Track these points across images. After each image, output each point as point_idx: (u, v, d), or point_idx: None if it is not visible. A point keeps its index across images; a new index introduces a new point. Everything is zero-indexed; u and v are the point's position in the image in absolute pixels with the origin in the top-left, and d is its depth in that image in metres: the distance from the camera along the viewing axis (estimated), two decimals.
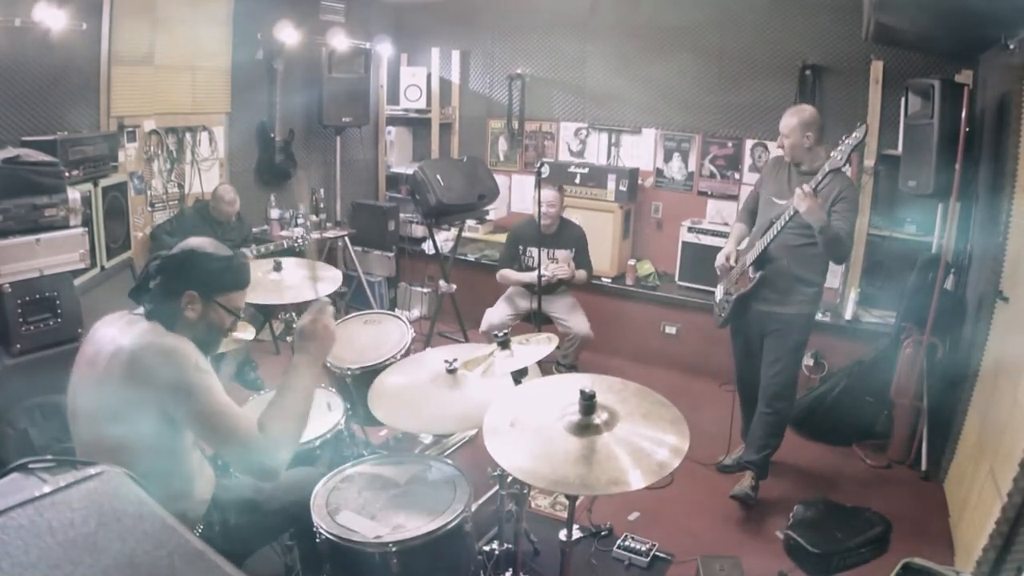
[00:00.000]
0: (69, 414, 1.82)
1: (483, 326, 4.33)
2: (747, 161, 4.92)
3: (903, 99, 3.95)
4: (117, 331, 1.78)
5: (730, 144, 4.97)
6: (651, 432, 1.75)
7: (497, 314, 4.32)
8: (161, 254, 1.86)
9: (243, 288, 1.93)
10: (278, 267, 3.07)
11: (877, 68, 4.29)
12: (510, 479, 2.37)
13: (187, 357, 1.70)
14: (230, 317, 1.91)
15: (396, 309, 5.48)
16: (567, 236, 4.33)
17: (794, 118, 3.10)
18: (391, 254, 5.63)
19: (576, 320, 4.27)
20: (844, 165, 2.88)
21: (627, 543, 2.94)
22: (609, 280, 5.09)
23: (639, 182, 5.21)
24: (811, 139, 3.08)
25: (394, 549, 1.89)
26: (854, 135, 2.84)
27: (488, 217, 5.51)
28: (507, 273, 4.42)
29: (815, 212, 2.88)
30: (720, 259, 3.38)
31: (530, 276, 4.12)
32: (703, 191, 5.12)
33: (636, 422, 1.78)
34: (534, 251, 4.23)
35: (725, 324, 3.42)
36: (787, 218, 3.00)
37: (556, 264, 4.23)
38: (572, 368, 4.28)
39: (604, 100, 5.34)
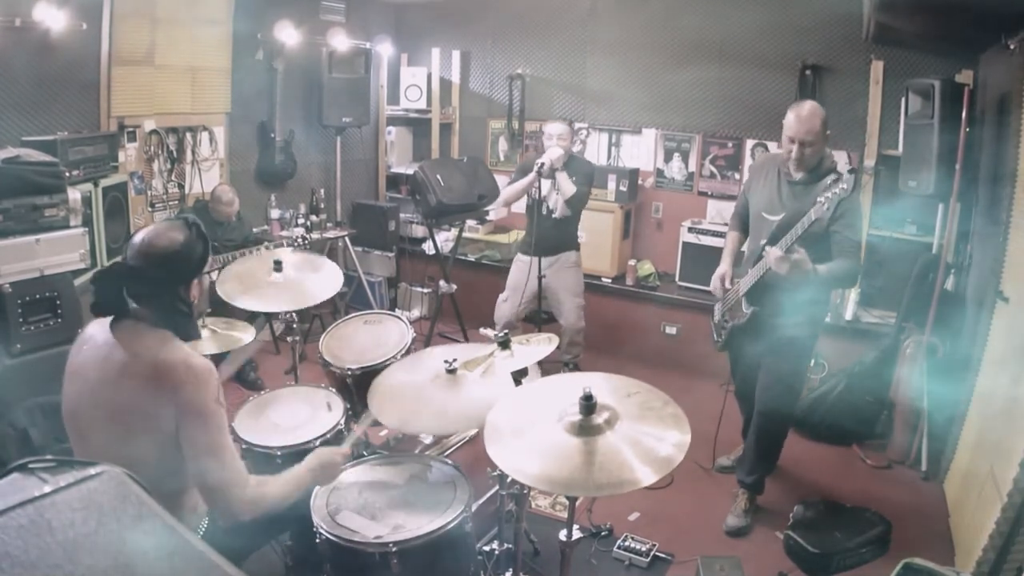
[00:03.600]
0: (69, 416, 1.80)
1: (497, 315, 4.29)
2: (747, 161, 4.92)
3: (903, 99, 3.96)
4: (124, 339, 1.74)
5: (730, 144, 4.97)
6: (652, 429, 1.76)
7: (509, 307, 4.23)
8: (136, 268, 1.74)
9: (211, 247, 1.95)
10: (278, 267, 3.07)
11: (877, 68, 4.29)
12: (510, 479, 2.37)
13: (212, 386, 1.72)
14: (212, 273, 1.96)
15: (396, 309, 5.48)
16: (573, 168, 4.10)
17: (816, 120, 2.74)
18: (391, 254, 5.63)
19: (568, 307, 4.18)
20: (830, 215, 2.60)
21: (627, 543, 2.94)
22: (609, 280, 5.09)
23: (639, 182, 5.21)
24: (826, 140, 2.83)
25: (394, 549, 1.89)
26: (841, 187, 2.51)
27: (488, 217, 5.51)
28: (507, 188, 4.23)
29: (798, 270, 2.62)
30: (715, 282, 3.20)
31: (528, 178, 3.94)
32: (703, 191, 5.12)
33: (636, 420, 1.78)
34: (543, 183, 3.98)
35: (723, 349, 3.33)
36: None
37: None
38: (575, 368, 4.27)
39: (604, 100, 5.34)
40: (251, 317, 3.15)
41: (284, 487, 1.88)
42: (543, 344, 2.33)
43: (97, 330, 1.82)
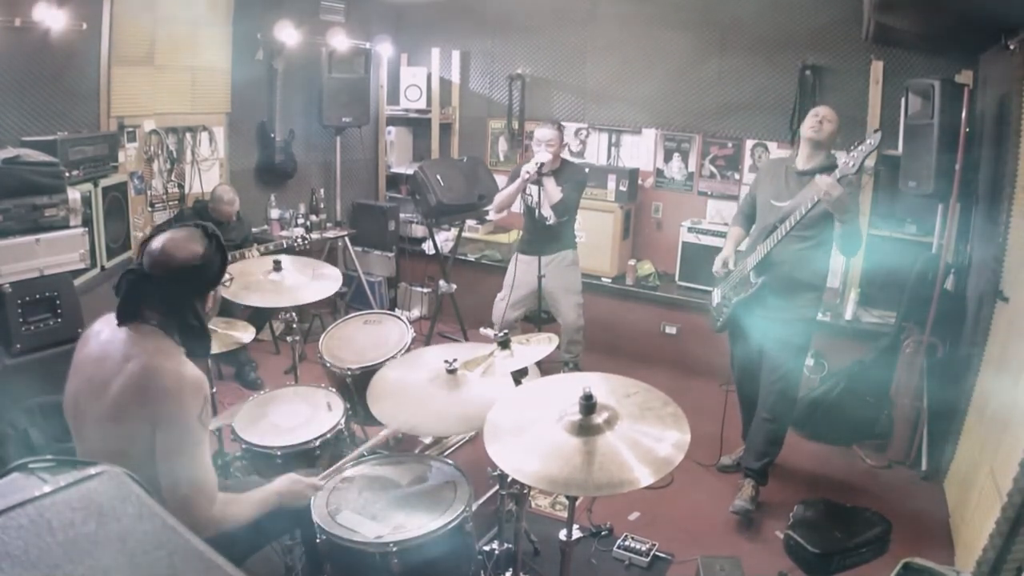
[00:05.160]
0: (69, 409, 1.80)
1: (494, 316, 4.28)
2: (747, 161, 4.92)
3: (903, 99, 3.95)
4: (127, 338, 1.73)
5: (730, 144, 4.97)
6: (652, 429, 1.76)
7: (505, 305, 4.21)
8: (151, 276, 1.73)
9: (228, 258, 1.92)
10: (278, 267, 3.08)
11: (877, 68, 4.29)
12: (510, 479, 2.37)
13: (198, 401, 1.70)
14: (224, 284, 2.00)
15: (396, 309, 5.48)
16: (563, 175, 4.05)
17: (835, 113, 3.10)
18: (391, 254, 5.64)
19: (566, 306, 4.17)
20: (855, 172, 2.74)
21: (627, 543, 2.95)
22: (609, 280, 5.09)
23: (639, 182, 5.21)
24: (837, 133, 3.09)
25: (394, 549, 1.89)
26: (868, 142, 2.69)
27: (488, 217, 5.51)
28: (498, 195, 4.23)
29: (843, 201, 2.75)
30: (718, 263, 3.34)
31: (516, 184, 3.96)
32: (703, 191, 5.12)
33: (636, 420, 1.79)
34: (532, 189, 4.00)
35: (723, 329, 3.38)
36: (796, 219, 2.91)
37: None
38: (575, 368, 4.27)
39: (604, 100, 5.34)
40: (251, 317, 3.15)
41: (250, 508, 1.85)
42: (543, 344, 2.33)
43: (103, 327, 1.82)
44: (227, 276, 1.98)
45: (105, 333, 1.79)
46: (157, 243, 1.77)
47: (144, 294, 1.74)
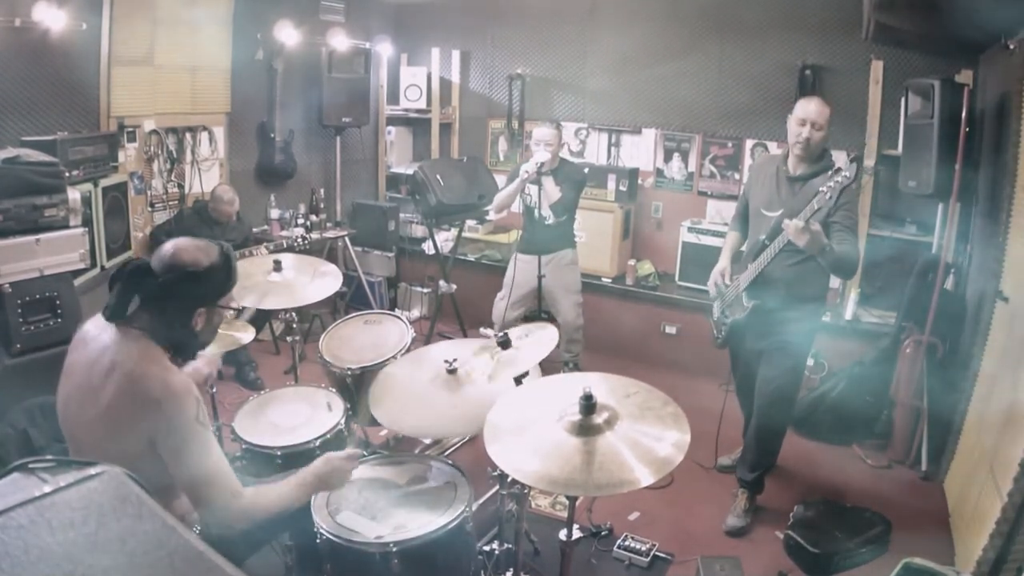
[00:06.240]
0: (61, 412, 1.80)
1: (494, 316, 4.30)
2: (747, 161, 4.92)
3: (903, 99, 3.95)
4: (114, 343, 1.72)
5: (730, 144, 4.97)
6: (652, 429, 1.76)
7: (502, 307, 4.24)
8: (153, 271, 1.73)
9: (236, 282, 1.90)
10: (278, 267, 3.08)
11: (877, 68, 4.29)
12: (510, 479, 2.37)
13: (190, 406, 1.68)
14: (228, 312, 1.93)
15: (396, 309, 5.48)
16: (562, 174, 4.04)
17: (826, 109, 2.86)
18: (391, 254, 5.64)
19: (566, 306, 4.19)
20: (832, 204, 2.58)
21: (627, 543, 2.94)
22: (609, 280, 5.09)
23: (639, 182, 5.21)
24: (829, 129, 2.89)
25: (395, 549, 1.89)
26: (843, 174, 2.52)
27: (488, 217, 5.51)
28: (497, 195, 4.22)
29: (815, 243, 2.61)
30: (715, 276, 3.26)
31: (515, 184, 3.95)
32: (703, 191, 5.12)
33: (636, 420, 1.78)
34: (532, 189, 4.02)
35: (723, 346, 3.33)
36: (780, 246, 2.80)
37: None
38: (576, 368, 4.27)
39: (604, 100, 5.34)
40: (251, 317, 3.15)
41: (284, 495, 1.83)
42: (543, 332, 2.31)
43: (92, 329, 1.80)
44: (236, 307, 1.94)
45: (93, 335, 1.78)
46: (170, 243, 1.79)
47: (138, 289, 1.73)
